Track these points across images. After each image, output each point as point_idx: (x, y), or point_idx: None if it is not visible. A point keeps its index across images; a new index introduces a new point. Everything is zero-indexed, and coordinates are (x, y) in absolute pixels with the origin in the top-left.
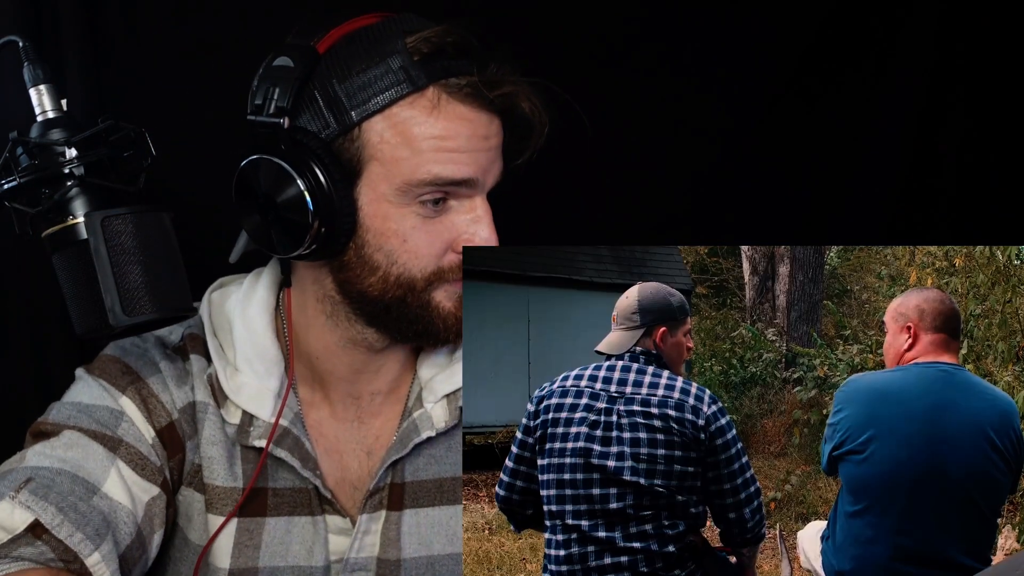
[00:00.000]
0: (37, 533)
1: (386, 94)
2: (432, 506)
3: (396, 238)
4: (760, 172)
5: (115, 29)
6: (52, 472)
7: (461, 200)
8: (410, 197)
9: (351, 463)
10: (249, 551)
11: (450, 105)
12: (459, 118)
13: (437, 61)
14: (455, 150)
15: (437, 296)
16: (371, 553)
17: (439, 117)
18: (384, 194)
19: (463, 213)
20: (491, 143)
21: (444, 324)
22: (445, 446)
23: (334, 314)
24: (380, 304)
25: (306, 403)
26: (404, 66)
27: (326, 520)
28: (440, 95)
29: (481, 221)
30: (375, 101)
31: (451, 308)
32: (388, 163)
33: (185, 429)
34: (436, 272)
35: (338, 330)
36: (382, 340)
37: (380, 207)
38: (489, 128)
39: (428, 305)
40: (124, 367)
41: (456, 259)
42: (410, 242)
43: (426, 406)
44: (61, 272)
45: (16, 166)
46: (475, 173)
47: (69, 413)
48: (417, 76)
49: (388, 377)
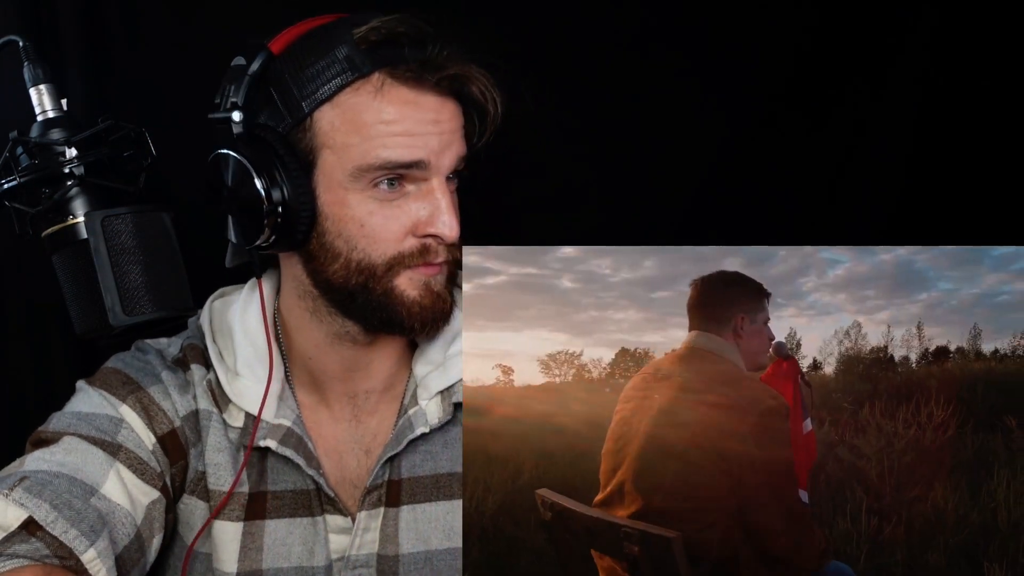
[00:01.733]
0: (31, 530)
1: (332, 82)
2: (429, 502)
3: (353, 223)
4: (760, 174)
5: (115, 29)
6: (50, 475)
7: (418, 184)
8: (364, 182)
9: (350, 462)
10: (253, 554)
11: (394, 89)
12: (404, 102)
13: (383, 49)
14: (403, 133)
15: (400, 283)
16: (371, 550)
17: (383, 101)
18: (339, 181)
19: (420, 198)
20: (443, 127)
21: (408, 312)
22: (441, 442)
23: (316, 310)
24: (345, 292)
25: (305, 406)
26: (349, 55)
27: (326, 520)
28: (384, 79)
29: (439, 207)
30: (323, 90)
31: (415, 296)
32: (339, 150)
33: (188, 436)
34: (396, 257)
35: (323, 326)
36: (363, 333)
37: (336, 194)
38: (440, 112)
39: (391, 292)
40: (125, 378)
41: (417, 244)
42: (367, 227)
43: (421, 403)
44: (61, 272)
45: (16, 166)
46: (425, 155)
47: (69, 421)
48: (361, 63)
49: (382, 375)
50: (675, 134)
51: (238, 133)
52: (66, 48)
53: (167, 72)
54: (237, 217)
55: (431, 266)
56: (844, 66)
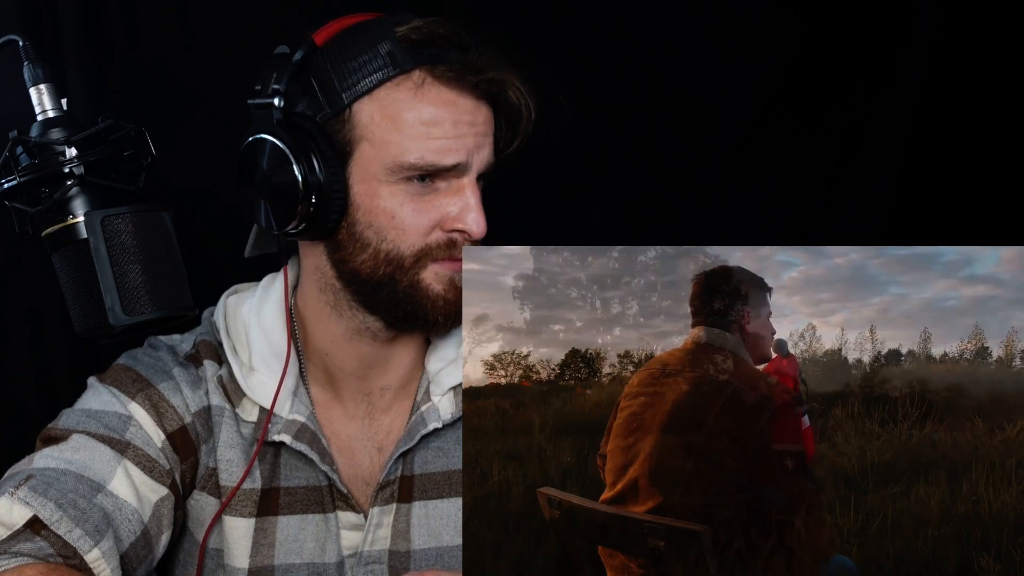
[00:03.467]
0: (36, 529)
1: (373, 76)
2: (441, 498)
3: (384, 215)
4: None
5: (115, 28)
6: (57, 472)
7: (449, 181)
8: (397, 176)
9: (363, 459)
10: (265, 549)
11: (434, 88)
12: (444, 102)
13: (425, 48)
14: (441, 136)
15: (426, 277)
16: (383, 546)
17: (423, 99)
18: (374, 173)
19: (451, 194)
20: (478, 129)
21: (432, 306)
22: (454, 438)
23: (337, 304)
24: (371, 283)
25: (319, 403)
26: (392, 51)
27: (338, 516)
28: (425, 77)
29: (469, 204)
30: (364, 83)
31: (440, 291)
32: (378, 144)
33: (199, 432)
34: (423, 249)
35: (343, 320)
36: (384, 329)
37: (370, 185)
38: (476, 114)
39: (417, 285)
40: (135, 375)
41: (443, 237)
42: (398, 218)
43: (433, 399)
44: (61, 271)
45: (16, 165)
46: (462, 158)
47: (78, 419)
48: (404, 59)
49: (398, 372)
50: (675, 136)
51: (278, 119)
52: (66, 48)
53: (167, 72)
54: (270, 202)
55: (455, 261)
56: (840, 69)
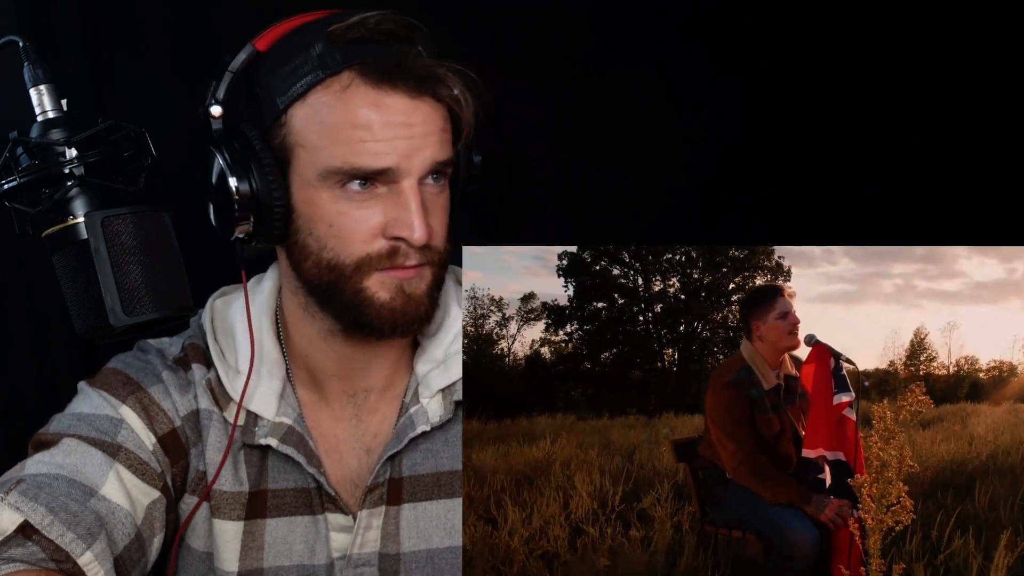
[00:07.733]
0: (27, 534)
1: (304, 80)
2: (430, 500)
3: (323, 223)
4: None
5: (115, 29)
6: (48, 477)
7: (389, 185)
8: (331, 181)
9: (351, 461)
10: (254, 552)
11: (362, 89)
12: (371, 103)
13: (358, 47)
14: (370, 139)
15: (370, 284)
16: (373, 548)
17: (350, 102)
18: (310, 180)
19: (391, 199)
20: (414, 130)
21: (378, 314)
22: (442, 440)
23: (307, 305)
24: (320, 290)
25: (306, 405)
26: (322, 53)
27: (327, 518)
28: (353, 79)
29: (408, 209)
30: (296, 88)
31: (386, 299)
32: (311, 150)
33: (189, 436)
34: (364, 258)
35: (315, 321)
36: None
37: (307, 192)
38: (411, 114)
39: (361, 292)
40: (125, 378)
41: (386, 245)
42: (335, 227)
43: (422, 401)
44: (61, 272)
45: (16, 166)
46: (393, 162)
47: (69, 423)
48: (333, 61)
49: (381, 373)
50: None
51: (216, 128)
52: (66, 48)
53: (166, 72)
54: (216, 210)
55: (402, 269)
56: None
